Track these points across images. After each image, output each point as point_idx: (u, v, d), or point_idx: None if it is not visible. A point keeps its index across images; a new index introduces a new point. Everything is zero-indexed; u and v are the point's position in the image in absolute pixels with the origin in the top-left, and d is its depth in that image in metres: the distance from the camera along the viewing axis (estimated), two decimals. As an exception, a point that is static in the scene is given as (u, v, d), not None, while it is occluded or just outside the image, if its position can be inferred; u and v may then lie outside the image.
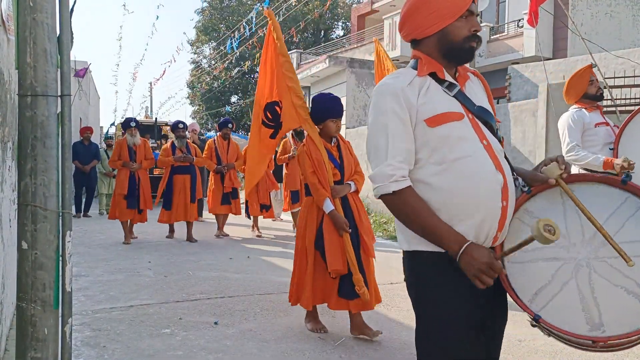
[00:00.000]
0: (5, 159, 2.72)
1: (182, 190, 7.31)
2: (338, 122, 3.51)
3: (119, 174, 7.23)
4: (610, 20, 14.91)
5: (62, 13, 2.05)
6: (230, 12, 30.22)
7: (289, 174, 7.96)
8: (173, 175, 7.35)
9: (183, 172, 7.37)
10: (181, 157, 7.32)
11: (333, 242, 3.22)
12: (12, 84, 2.92)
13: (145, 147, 7.36)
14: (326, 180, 3.30)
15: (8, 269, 2.88)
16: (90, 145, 11.09)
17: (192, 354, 3.00)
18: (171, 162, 7.32)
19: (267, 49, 3.83)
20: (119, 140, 7.40)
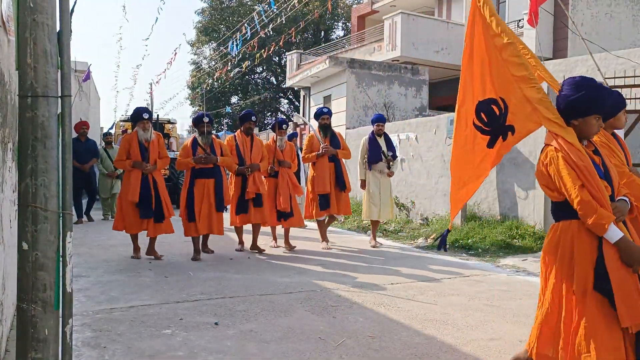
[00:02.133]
0: (5, 160, 2.72)
1: (206, 197, 6.01)
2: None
3: (128, 177, 5.85)
4: (611, 21, 14.92)
5: (62, 14, 2.05)
6: (231, 13, 30.22)
7: (317, 176, 6.81)
8: (194, 179, 6.02)
9: (206, 175, 6.03)
10: (202, 158, 5.97)
11: (626, 283, 2.23)
12: (12, 85, 2.92)
13: (159, 144, 6.08)
14: (604, 196, 2.31)
15: (8, 270, 2.88)
16: (88, 142, 9.98)
17: (193, 354, 3.00)
18: (191, 164, 6.01)
19: (472, 33, 2.99)
20: (128, 135, 6.07)
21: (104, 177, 10.27)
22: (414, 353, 3.08)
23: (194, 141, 6.15)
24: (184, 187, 6.09)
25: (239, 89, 31.06)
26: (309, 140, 7.00)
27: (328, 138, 6.88)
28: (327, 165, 6.76)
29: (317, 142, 6.89)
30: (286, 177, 6.68)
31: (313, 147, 6.93)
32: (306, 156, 6.95)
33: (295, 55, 20.23)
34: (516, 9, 15.38)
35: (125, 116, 15.87)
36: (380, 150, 7.10)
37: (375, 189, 7.11)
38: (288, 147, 6.96)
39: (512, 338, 3.37)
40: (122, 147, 5.94)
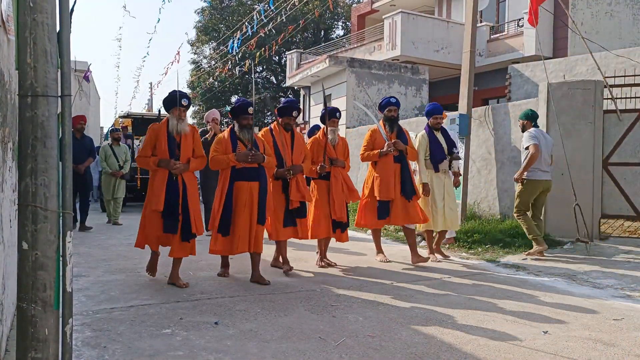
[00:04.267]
0: (5, 160, 2.72)
1: (247, 204, 4.72)
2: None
3: (152, 180, 4.63)
4: (611, 20, 14.91)
5: (62, 13, 2.05)
6: (231, 12, 30.21)
7: (380, 179, 5.69)
8: (234, 182, 4.77)
9: (250, 177, 4.76)
10: (249, 155, 4.73)
11: None
12: (12, 85, 2.91)
13: (194, 139, 4.79)
14: None
15: (9, 270, 2.88)
16: (84, 139, 8.70)
17: (193, 354, 3.00)
18: (232, 163, 4.76)
19: None
20: (156, 125, 4.73)
21: (108, 177, 9.32)
22: (413, 352, 3.08)
23: (233, 134, 4.92)
24: (220, 192, 4.82)
25: (239, 88, 31.03)
26: (370, 136, 5.92)
27: (394, 134, 5.84)
28: (393, 167, 5.70)
29: (380, 138, 5.82)
30: (340, 180, 5.57)
31: (375, 143, 5.85)
32: (366, 154, 5.88)
33: (295, 54, 20.23)
34: (516, 9, 15.38)
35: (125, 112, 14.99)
36: (441, 146, 6.09)
37: (440, 194, 6.04)
38: (340, 143, 5.80)
39: (513, 337, 3.37)
40: (147, 141, 4.69)
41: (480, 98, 15.51)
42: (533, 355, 3.06)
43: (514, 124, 8.18)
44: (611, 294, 4.60)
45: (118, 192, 9.39)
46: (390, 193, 5.63)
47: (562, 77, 9.97)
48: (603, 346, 3.23)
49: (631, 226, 7.36)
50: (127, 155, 9.57)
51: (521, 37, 14.95)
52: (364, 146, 5.93)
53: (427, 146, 6.07)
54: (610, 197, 7.17)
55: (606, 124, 7.24)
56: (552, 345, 3.23)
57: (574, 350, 3.15)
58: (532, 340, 3.32)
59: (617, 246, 6.67)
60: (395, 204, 5.67)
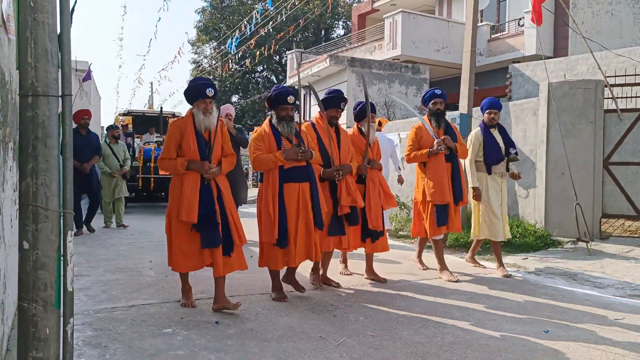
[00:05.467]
0: (6, 159, 2.72)
1: (302, 208, 4.11)
2: None
3: (179, 186, 3.81)
4: (611, 19, 14.90)
5: (62, 13, 2.05)
6: (231, 12, 30.23)
7: (434, 180, 5.02)
8: (283, 183, 4.10)
9: (300, 177, 4.12)
10: (298, 152, 4.09)
11: None
12: (13, 84, 2.92)
13: (223, 135, 4.05)
14: None
15: (9, 269, 2.88)
16: (90, 135, 8.00)
17: (194, 353, 3.00)
18: (280, 162, 4.09)
19: None
20: (179, 121, 3.93)
21: (107, 177, 8.65)
22: (414, 352, 3.08)
23: (274, 128, 4.19)
24: (270, 197, 4.08)
25: (240, 88, 31.06)
26: (415, 133, 5.21)
27: (442, 129, 5.18)
28: (444, 167, 5.06)
29: (427, 136, 5.14)
30: (377, 184, 4.86)
31: (422, 142, 5.16)
32: (412, 154, 5.16)
33: (296, 54, 20.23)
34: (517, 8, 15.37)
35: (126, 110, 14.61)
36: (498, 146, 5.40)
37: (498, 200, 5.34)
38: (376, 142, 5.10)
39: (513, 337, 3.37)
40: (169, 140, 3.88)
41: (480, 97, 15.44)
42: (533, 355, 3.06)
43: (515, 124, 8.17)
44: (612, 294, 4.60)
45: (120, 192, 8.78)
46: (445, 196, 4.98)
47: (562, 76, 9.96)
48: (604, 346, 3.23)
49: (632, 226, 7.36)
50: (126, 153, 9.04)
51: (522, 36, 14.95)
52: (409, 146, 5.22)
53: (480, 146, 5.40)
54: (610, 197, 7.16)
55: (607, 124, 7.23)
56: (553, 345, 3.23)
57: (575, 350, 3.15)
58: (532, 340, 3.31)
59: (617, 246, 6.67)
60: (450, 209, 5.06)
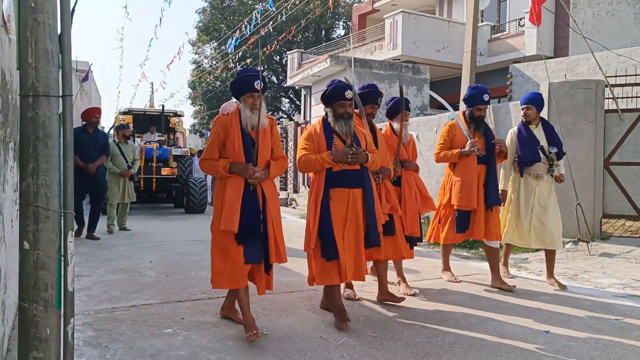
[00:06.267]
0: (7, 159, 2.73)
1: (352, 218, 3.60)
2: None
3: (223, 190, 3.38)
4: (612, 19, 14.89)
5: (63, 13, 2.05)
6: (232, 12, 30.23)
7: (461, 183, 4.69)
8: (329, 188, 3.61)
9: (351, 182, 3.63)
10: (348, 154, 3.57)
11: None
12: (13, 85, 2.92)
13: (273, 134, 3.57)
14: None
15: (10, 269, 2.88)
16: (97, 134, 7.54)
17: (194, 353, 3.00)
18: (328, 164, 3.59)
19: None
20: (223, 118, 3.46)
21: (115, 178, 8.16)
22: (415, 352, 3.08)
23: (326, 127, 3.75)
24: (314, 202, 3.65)
25: (240, 88, 30.97)
26: (448, 131, 4.87)
27: (481, 134, 4.79)
28: (476, 169, 4.71)
29: (460, 135, 4.80)
30: (414, 186, 4.51)
31: (454, 141, 4.82)
32: (442, 154, 4.84)
33: (296, 54, 20.23)
34: (517, 8, 15.37)
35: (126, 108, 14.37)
36: (537, 145, 4.91)
37: (528, 204, 4.90)
38: (411, 141, 4.77)
39: (513, 337, 3.37)
40: (212, 139, 3.46)
41: (481, 98, 15.47)
42: (534, 355, 3.06)
43: (516, 123, 8.17)
44: (612, 294, 4.59)
45: (129, 196, 8.35)
46: (472, 201, 4.62)
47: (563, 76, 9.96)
48: (604, 346, 3.23)
49: (632, 226, 7.36)
50: (135, 154, 8.65)
51: (522, 36, 14.95)
52: (440, 144, 4.88)
53: (516, 145, 5.00)
54: (611, 197, 7.16)
55: (607, 124, 7.23)
56: (553, 345, 3.22)
57: (575, 350, 3.15)
58: (533, 340, 3.31)
59: (618, 246, 6.66)
60: (477, 214, 4.70)
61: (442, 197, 4.98)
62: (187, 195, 11.97)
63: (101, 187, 7.58)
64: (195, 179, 12.24)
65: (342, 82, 3.79)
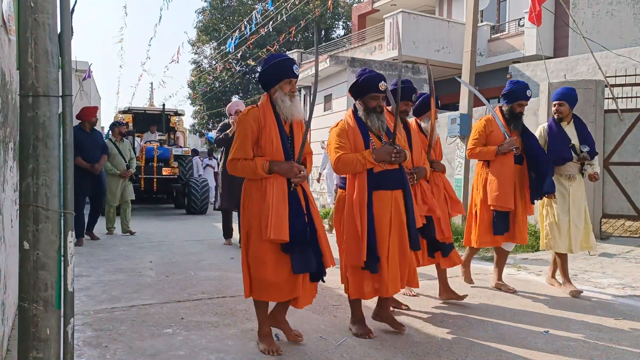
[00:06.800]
0: (6, 160, 2.73)
1: (397, 223, 3.28)
2: None
3: (266, 192, 2.94)
4: (611, 19, 14.90)
5: (63, 13, 2.05)
6: (231, 12, 30.24)
7: (498, 181, 4.43)
8: (372, 191, 3.26)
9: (391, 184, 3.31)
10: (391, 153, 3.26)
11: None
12: (13, 85, 2.92)
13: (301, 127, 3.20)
14: None
15: (10, 269, 2.88)
16: (94, 133, 7.33)
17: (194, 353, 3.00)
18: (370, 164, 3.24)
19: None
20: (253, 111, 3.02)
21: (113, 179, 7.90)
22: (414, 352, 3.08)
23: (360, 122, 3.37)
24: (353, 206, 3.26)
25: (240, 88, 31.06)
26: (484, 126, 4.57)
27: (518, 132, 4.53)
28: (512, 169, 4.45)
29: (497, 131, 4.51)
30: (442, 189, 4.24)
31: (491, 137, 4.53)
32: (478, 150, 4.53)
33: (296, 54, 20.23)
34: (517, 8, 15.37)
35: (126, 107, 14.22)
36: (568, 143, 4.65)
37: (564, 206, 4.62)
38: (438, 141, 4.50)
39: (513, 337, 3.37)
40: (243, 135, 2.99)
41: (481, 98, 15.50)
42: (534, 355, 3.06)
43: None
44: (612, 294, 4.59)
45: (128, 195, 8.11)
46: (508, 201, 4.36)
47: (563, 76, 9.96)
48: (604, 346, 3.23)
49: (632, 226, 7.37)
50: (132, 152, 8.40)
51: (522, 36, 14.95)
52: (475, 139, 4.56)
53: (546, 143, 4.69)
54: (611, 197, 7.16)
55: (607, 124, 7.23)
56: (553, 345, 3.23)
57: (575, 350, 3.15)
58: (532, 340, 3.32)
59: (618, 246, 6.67)
60: (517, 216, 4.47)
61: (475, 195, 4.66)
62: (189, 196, 11.81)
63: (102, 188, 7.42)
64: (197, 179, 12.11)
65: (374, 72, 3.43)
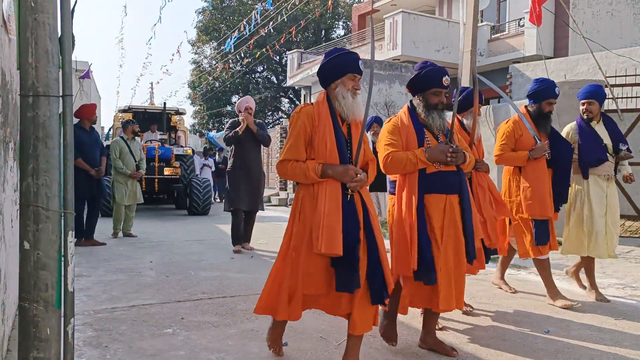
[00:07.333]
0: (7, 159, 2.73)
1: (450, 229, 2.98)
2: None
3: (318, 198, 2.61)
4: (611, 19, 14.91)
5: (63, 13, 2.05)
6: (231, 12, 30.24)
7: (534, 189, 4.11)
8: (424, 194, 2.97)
9: (446, 187, 3.02)
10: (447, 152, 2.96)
11: None
12: (13, 85, 2.92)
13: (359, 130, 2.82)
14: None
15: (10, 269, 2.88)
16: (93, 132, 7.06)
17: (194, 353, 3.00)
18: (422, 165, 2.96)
19: None
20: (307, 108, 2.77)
21: (123, 178, 7.60)
22: (414, 352, 3.08)
23: (415, 119, 3.11)
24: (403, 210, 2.99)
25: (240, 88, 31.08)
26: (513, 129, 4.23)
27: (547, 134, 4.25)
28: (546, 173, 4.17)
29: (527, 135, 4.18)
30: (487, 189, 3.86)
31: (520, 141, 4.21)
32: (507, 155, 4.22)
33: (296, 54, 20.24)
34: (517, 8, 15.38)
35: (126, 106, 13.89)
36: (601, 143, 4.41)
37: (601, 209, 4.38)
38: (480, 139, 4.18)
39: (513, 337, 3.37)
40: (297, 133, 2.72)
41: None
42: (534, 355, 3.06)
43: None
44: (612, 294, 4.59)
45: (138, 197, 7.82)
46: (547, 209, 4.07)
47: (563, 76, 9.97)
48: (604, 346, 3.23)
49: (632, 226, 7.36)
50: (142, 152, 8.12)
51: (522, 36, 14.96)
52: (503, 144, 4.24)
53: (575, 144, 4.46)
54: (611, 197, 7.16)
55: (607, 124, 7.23)
56: (553, 345, 3.22)
57: (575, 350, 3.15)
58: (533, 340, 3.31)
59: (618, 246, 6.65)
60: (552, 224, 4.21)
61: (513, 206, 4.30)
62: (190, 197, 11.58)
63: (102, 190, 7.18)
64: (199, 179, 11.95)
65: (435, 65, 3.16)
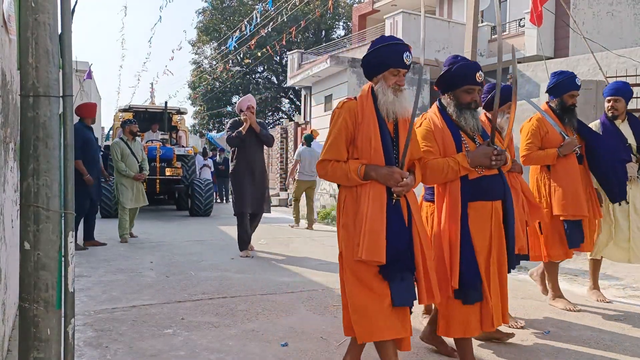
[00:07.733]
0: (7, 160, 2.73)
1: (496, 240, 2.74)
2: None
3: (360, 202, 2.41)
4: (612, 19, 14.91)
5: (63, 13, 2.05)
6: (231, 13, 30.24)
7: (564, 188, 3.88)
8: (467, 202, 2.71)
9: (490, 193, 2.76)
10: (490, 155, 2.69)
11: None
12: (14, 85, 2.92)
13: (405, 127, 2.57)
14: None
15: (10, 270, 2.88)
16: (92, 131, 6.94)
17: (195, 354, 3.00)
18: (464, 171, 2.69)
19: None
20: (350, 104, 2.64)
21: (127, 180, 7.33)
22: (414, 352, 3.08)
23: (448, 120, 2.84)
24: (446, 222, 2.72)
25: (240, 88, 31.07)
26: (537, 127, 4.03)
27: (574, 129, 4.03)
28: (578, 170, 3.94)
29: (553, 132, 3.97)
30: (519, 191, 3.52)
31: (546, 138, 3.99)
32: (534, 154, 3.99)
33: (297, 54, 20.24)
34: (518, 8, 15.38)
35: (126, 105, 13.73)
36: (625, 143, 4.18)
37: (624, 211, 4.22)
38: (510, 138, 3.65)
39: (514, 337, 3.37)
40: (338, 131, 2.56)
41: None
42: (534, 356, 3.06)
43: (516, 124, 8.17)
44: (612, 294, 4.59)
45: (142, 200, 7.58)
46: (581, 208, 3.81)
47: (563, 77, 9.93)
48: (604, 346, 3.23)
49: None
50: (143, 152, 7.82)
51: (522, 37, 14.96)
52: (529, 143, 4.01)
53: None
54: (611, 197, 7.15)
55: (607, 124, 7.22)
56: (553, 345, 3.22)
57: (575, 350, 3.15)
58: (533, 340, 3.31)
59: (618, 246, 6.66)
60: (590, 223, 4.04)
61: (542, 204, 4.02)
62: (192, 197, 11.47)
63: (100, 195, 6.97)
64: (201, 179, 11.84)
65: (467, 59, 2.90)
